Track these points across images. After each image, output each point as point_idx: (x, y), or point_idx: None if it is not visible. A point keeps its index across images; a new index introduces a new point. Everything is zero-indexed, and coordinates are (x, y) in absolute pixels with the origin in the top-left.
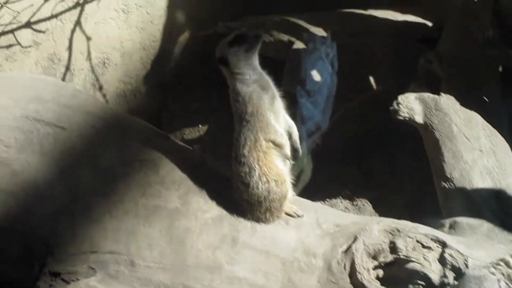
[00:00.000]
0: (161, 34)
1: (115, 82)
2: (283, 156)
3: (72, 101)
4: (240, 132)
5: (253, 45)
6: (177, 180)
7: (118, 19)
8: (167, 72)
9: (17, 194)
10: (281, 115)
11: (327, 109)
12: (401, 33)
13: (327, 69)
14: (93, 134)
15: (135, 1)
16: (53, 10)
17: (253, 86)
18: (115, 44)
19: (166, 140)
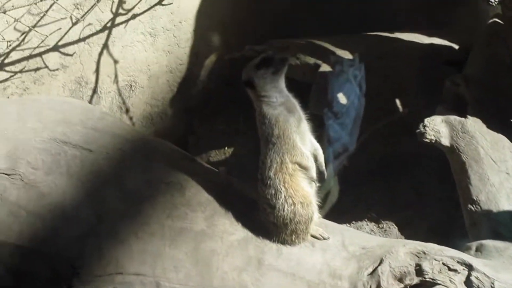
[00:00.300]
0: (188, 57)
1: (141, 105)
2: (309, 178)
3: (99, 124)
4: (266, 154)
5: (280, 68)
6: (203, 202)
7: (145, 42)
8: (194, 95)
9: (44, 216)
10: (307, 137)
11: (354, 131)
12: (428, 56)
13: (355, 91)
14: (120, 156)
15: (162, 24)
16: (81, 34)
17: (280, 109)
18: (142, 67)
19: (192, 162)
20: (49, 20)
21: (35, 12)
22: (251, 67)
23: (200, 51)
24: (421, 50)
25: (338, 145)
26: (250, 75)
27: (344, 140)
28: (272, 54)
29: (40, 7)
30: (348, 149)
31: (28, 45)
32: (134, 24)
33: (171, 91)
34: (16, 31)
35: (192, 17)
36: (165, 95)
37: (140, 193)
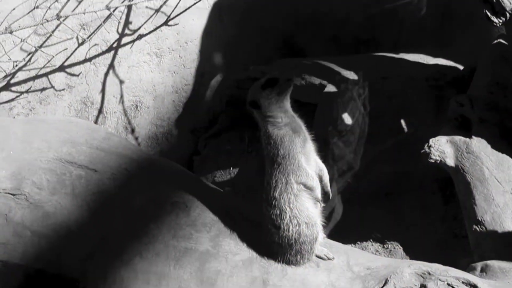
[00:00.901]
0: (194, 78)
1: (147, 125)
2: (314, 198)
3: (104, 144)
4: (271, 174)
5: (285, 88)
6: (208, 223)
7: (151, 62)
8: (199, 115)
9: (49, 236)
10: (312, 157)
11: (358, 149)
12: (433, 76)
13: (359, 109)
14: (125, 176)
15: (168, 45)
16: (87, 54)
17: (285, 129)
18: (147, 88)
19: (197, 183)
20: (55, 40)
21: (41, 32)
22: (257, 88)
23: (206, 71)
24: (426, 71)
25: (343, 163)
26: (255, 96)
27: (349, 158)
28: (277, 75)
29: (47, 27)
30: (353, 168)
31: (34, 65)
32: (140, 45)
33: (177, 111)
34: (23, 51)
35: (198, 38)
36: (171, 115)
37: (145, 213)
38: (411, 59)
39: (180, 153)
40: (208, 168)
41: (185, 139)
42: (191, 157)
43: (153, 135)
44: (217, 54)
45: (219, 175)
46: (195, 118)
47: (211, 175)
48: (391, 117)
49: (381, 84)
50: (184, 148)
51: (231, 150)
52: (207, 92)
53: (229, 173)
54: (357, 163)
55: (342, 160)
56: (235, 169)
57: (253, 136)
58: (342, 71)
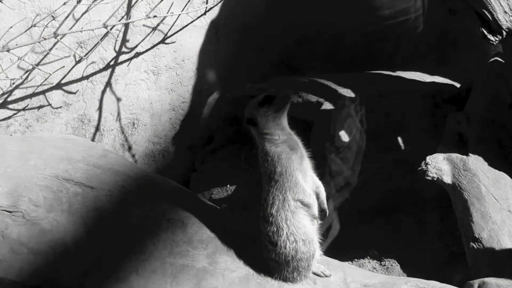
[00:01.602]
0: (190, 95)
1: (144, 143)
2: (311, 215)
3: (101, 161)
4: (268, 191)
5: (282, 106)
6: (204, 239)
7: (148, 80)
8: (196, 132)
9: (46, 253)
10: (309, 174)
11: (356, 166)
12: (429, 94)
13: (357, 125)
14: (122, 193)
15: (165, 63)
16: (84, 72)
17: (282, 146)
18: (144, 105)
19: (194, 200)
20: (52, 58)
21: (38, 50)
22: (254, 105)
23: (203, 89)
24: (422, 88)
25: (340, 179)
26: (252, 113)
27: (346, 174)
28: (274, 92)
29: (44, 45)
30: (350, 184)
31: (32, 83)
32: (137, 63)
33: (174, 129)
34: (20, 69)
35: (195, 56)
36: (168, 133)
37: (141, 230)
38: (408, 77)
39: (177, 170)
40: (205, 185)
41: (182, 156)
42: (188, 174)
43: (150, 152)
44: (214, 72)
45: (216, 192)
46: (192, 136)
47: (208, 192)
48: (389, 134)
49: (378, 101)
50: (181, 165)
51: (228, 167)
52: (204, 109)
53: (226, 190)
54: (355, 180)
55: (339, 176)
56: (232, 186)
57: (250, 153)
58: (339, 89)
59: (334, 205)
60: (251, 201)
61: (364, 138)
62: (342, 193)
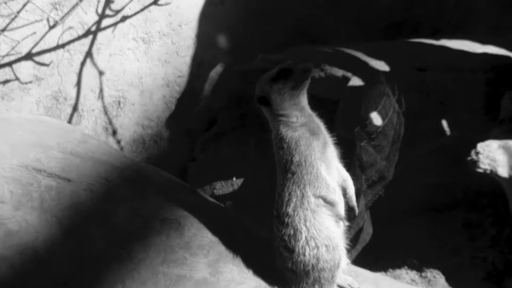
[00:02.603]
0: (189, 68)
1: (132, 126)
2: (336, 216)
3: (80, 148)
4: (284, 186)
5: (301, 81)
6: (205, 245)
7: (137, 50)
8: (195, 114)
9: (12, 259)
10: (334, 165)
11: (392, 156)
12: (480, 68)
13: (393, 106)
14: (105, 188)
15: (158, 28)
16: (60, 39)
17: (301, 131)
18: (132, 80)
19: (192, 196)
20: (21, 22)
21: (4, 13)
22: (266, 81)
23: (204, 60)
24: (472, 61)
25: (372, 172)
26: (265, 90)
27: (380, 166)
28: (291, 65)
29: (11, 6)
30: (385, 178)
31: None
32: (124, 28)
33: (168, 109)
34: None
35: (194, 20)
36: (161, 114)
37: (129, 233)
38: (454, 47)
39: (172, 160)
40: (205, 178)
41: (178, 142)
42: (185, 165)
43: (139, 137)
44: (217, 40)
45: (219, 186)
46: (191, 117)
47: (210, 187)
48: (431, 116)
49: (418, 76)
50: (176, 153)
51: (234, 156)
52: (205, 86)
53: (232, 184)
54: (390, 173)
55: (371, 168)
56: (238, 179)
57: (262, 139)
58: (370, 61)
59: (365, 203)
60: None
61: (402, 122)
62: (374, 189)
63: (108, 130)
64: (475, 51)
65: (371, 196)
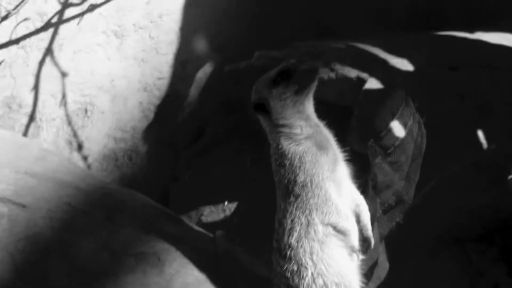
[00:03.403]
0: (171, 69)
1: (101, 139)
2: (349, 247)
3: (37, 166)
4: (286, 211)
5: (306, 84)
6: (190, 283)
7: (108, 46)
8: (179, 123)
9: None
10: (345, 187)
11: (413, 175)
12: None
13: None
14: (68, 215)
15: (133, 20)
16: (13, 33)
17: (306, 144)
18: (102, 83)
19: (175, 224)
20: None
21: None
22: (265, 83)
23: (189, 59)
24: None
25: (389, 194)
26: (263, 95)
27: (398, 187)
28: (295, 64)
29: None
30: (404, 201)
31: None
32: (92, 20)
33: (146, 118)
34: None
35: (178, 10)
36: (137, 124)
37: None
38: (493, 41)
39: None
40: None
41: (158, 158)
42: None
43: (111, 153)
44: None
45: (208, 212)
46: (173, 128)
47: (196, 212)
48: (464, 125)
49: (449, 76)
50: (156, 172)
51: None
52: (191, 89)
53: (223, 210)
54: (411, 195)
55: (388, 190)
56: (231, 203)
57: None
58: (390, 59)
59: (381, 232)
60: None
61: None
62: (393, 215)
63: (73, 144)
64: None
65: (388, 225)
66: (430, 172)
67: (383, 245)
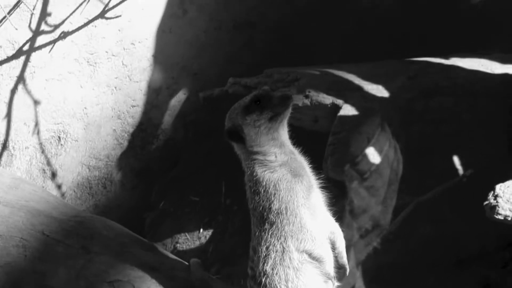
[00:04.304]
0: (144, 96)
1: (75, 167)
2: (324, 274)
3: (10, 195)
4: (260, 239)
5: (280, 111)
6: None
7: (81, 74)
8: (154, 151)
9: None
10: (320, 214)
11: (389, 200)
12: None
13: (391, 142)
14: (42, 244)
15: (106, 47)
16: None
17: (281, 171)
18: (75, 111)
19: (150, 252)
20: None
21: None
22: (238, 110)
23: (163, 86)
24: (489, 83)
25: (366, 219)
26: (236, 122)
27: (375, 212)
28: (267, 91)
29: None
30: (380, 226)
31: None
32: (64, 47)
33: (120, 146)
34: None
35: (151, 37)
36: (111, 152)
37: None
38: (468, 67)
39: (125, 208)
40: (166, 230)
41: (133, 187)
42: (141, 214)
43: (84, 181)
44: (179, 61)
45: (183, 240)
46: (148, 156)
47: (172, 241)
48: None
49: (424, 102)
50: (131, 200)
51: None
52: (165, 116)
53: (198, 237)
54: (387, 220)
55: (364, 215)
56: (206, 231)
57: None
58: (365, 85)
59: (358, 257)
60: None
61: (401, 159)
62: (370, 240)
63: (46, 172)
64: (492, 72)
65: (365, 250)
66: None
67: (360, 271)
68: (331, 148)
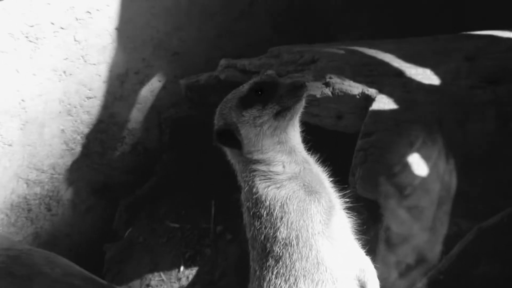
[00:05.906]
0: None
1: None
2: None
3: None
4: (262, 280)
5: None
6: None
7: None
8: (117, 159)
9: None
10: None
11: (439, 225)
12: None
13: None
14: None
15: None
16: None
17: (291, 187)
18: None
19: None
20: None
21: None
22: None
23: (130, 71)
24: None
25: (407, 251)
26: (230, 120)
27: (418, 242)
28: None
29: None
30: (427, 260)
31: None
32: None
33: (70, 153)
34: None
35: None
36: (58, 161)
37: None
38: None
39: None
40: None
41: (89, 208)
42: (100, 245)
43: (21, 200)
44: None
45: (157, 281)
46: (108, 166)
47: (141, 283)
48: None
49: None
50: (85, 226)
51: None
52: (133, 111)
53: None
54: (436, 253)
55: (405, 245)
56: (188, 269)
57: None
58: (407, 68)
59: None
60: None
61: (455, 170)
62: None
63: None
64: None
65: None
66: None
67: None
68: (360, 154)
